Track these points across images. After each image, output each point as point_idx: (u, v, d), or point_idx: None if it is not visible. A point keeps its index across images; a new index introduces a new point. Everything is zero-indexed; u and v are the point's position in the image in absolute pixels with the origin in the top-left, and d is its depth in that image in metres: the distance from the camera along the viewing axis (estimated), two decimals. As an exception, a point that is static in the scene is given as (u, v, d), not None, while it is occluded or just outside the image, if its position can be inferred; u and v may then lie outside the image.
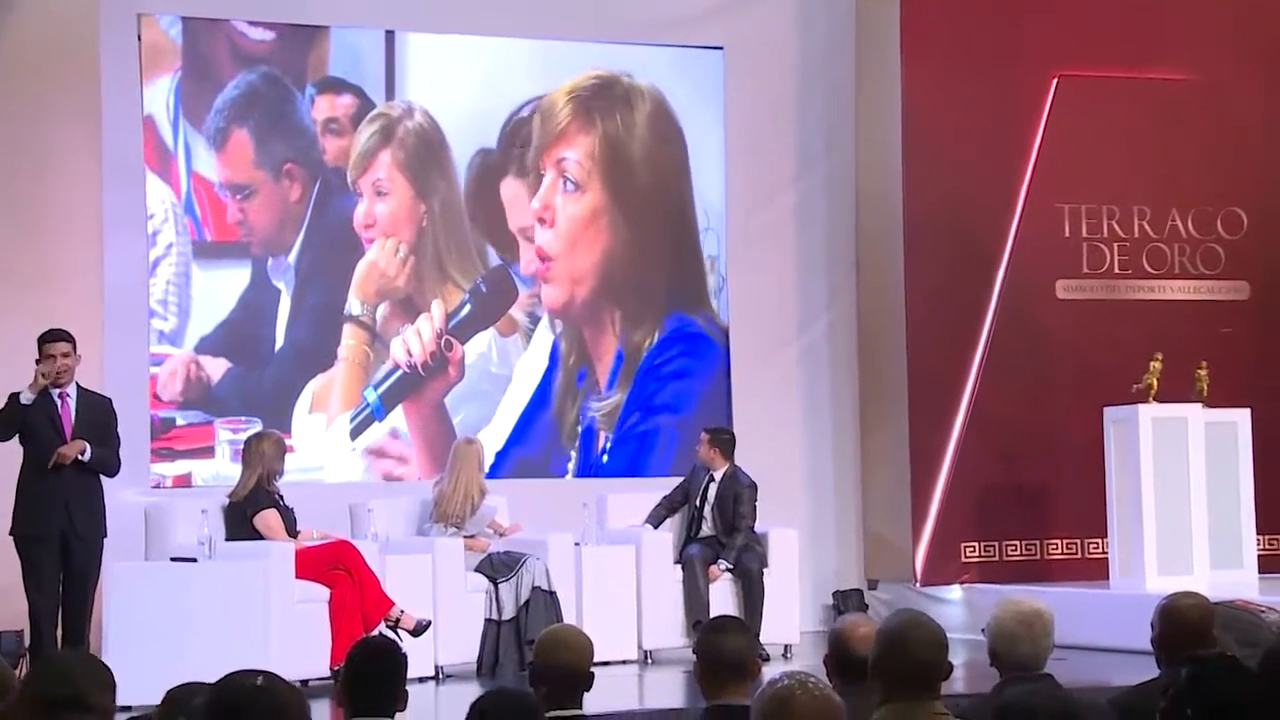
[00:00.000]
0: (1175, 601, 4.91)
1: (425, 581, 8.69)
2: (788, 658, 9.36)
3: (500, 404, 10.94)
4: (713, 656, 4.32)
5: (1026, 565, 10.79)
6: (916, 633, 4.00)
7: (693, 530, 9.69)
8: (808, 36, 11.56)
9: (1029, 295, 11.08)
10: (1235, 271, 11.41)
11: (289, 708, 3.26)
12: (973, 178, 11.00)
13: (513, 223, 11.00)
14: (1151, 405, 9.84)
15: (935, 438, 10.89)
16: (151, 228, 10.24)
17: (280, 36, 10.64)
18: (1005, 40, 11.11)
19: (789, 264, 11.50)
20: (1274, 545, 10.87)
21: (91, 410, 8.04)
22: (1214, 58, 11.35)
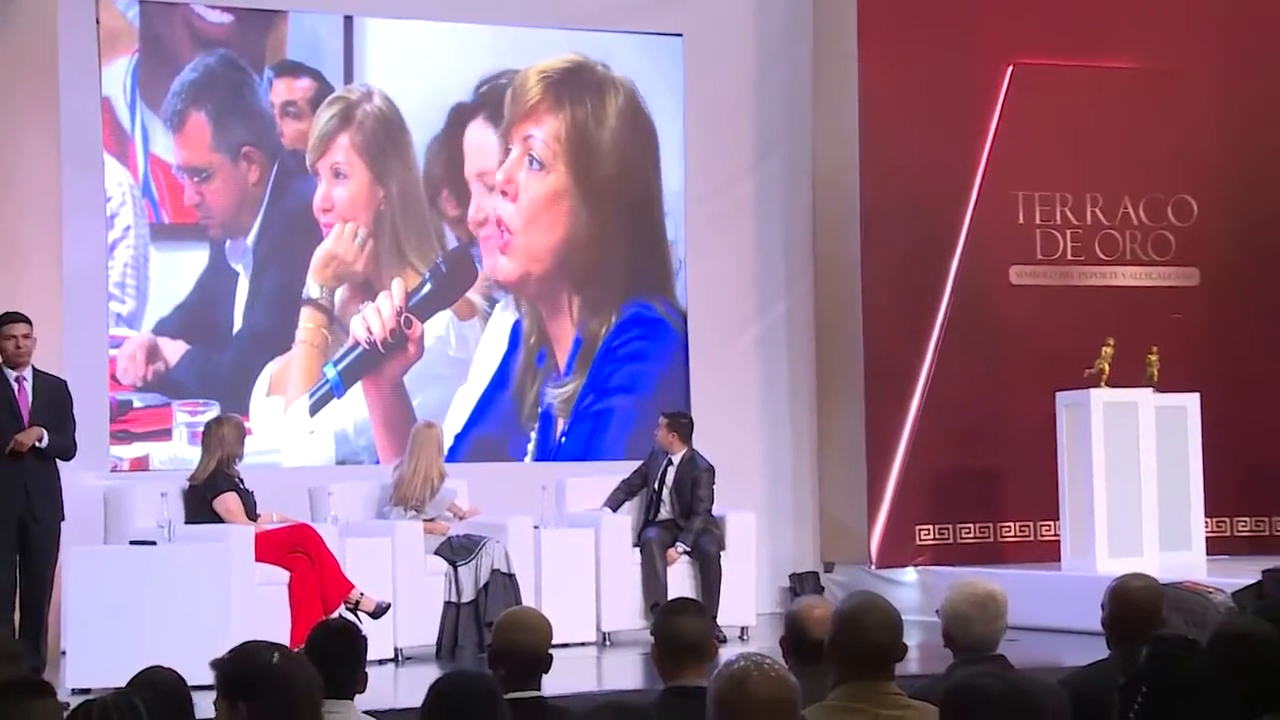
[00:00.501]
0: (1125, 583, 4.95)
1: (385, 564, 8.69)
2: (744, 639, 9.39)
3: (459, 388, 10.92)
4: (670, 638, 4.34)
5: (980, 548, 10.84)
6: (871, 615, 4.02)
7: (651, 514, 9.71)
8: (766, 24, 11.57)
9: (983, 281, 11.12)
10: (1186, 258, 11.47)
11: (300, 683, 3.27)
12: (928, 165, 11.02)
13: (470, 169, 10.95)
14: (1103, 390, 9.90)
15: (891, 422, 10.93)
16: (109, 210, 10.16)
17: (238, 20, 10.56)
18: (960, 29, 11.14)
19: (747, 249, 11.51)
20: (1222, 528, 10.95)
21: (48, 394, 8.00)
22: (1166, 47, 11.40)
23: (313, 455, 10.53)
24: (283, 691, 3.26)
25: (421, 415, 10.31)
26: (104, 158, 10.13)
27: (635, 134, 11.33)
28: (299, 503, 9.08)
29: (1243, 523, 11.22)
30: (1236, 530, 11.15)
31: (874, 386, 10.95)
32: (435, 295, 10.86)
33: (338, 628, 4.90)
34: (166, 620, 7.35)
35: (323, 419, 10.55)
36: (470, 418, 10.91)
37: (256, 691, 3.29)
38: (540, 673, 4.59)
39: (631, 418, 11.15)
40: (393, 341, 10.72)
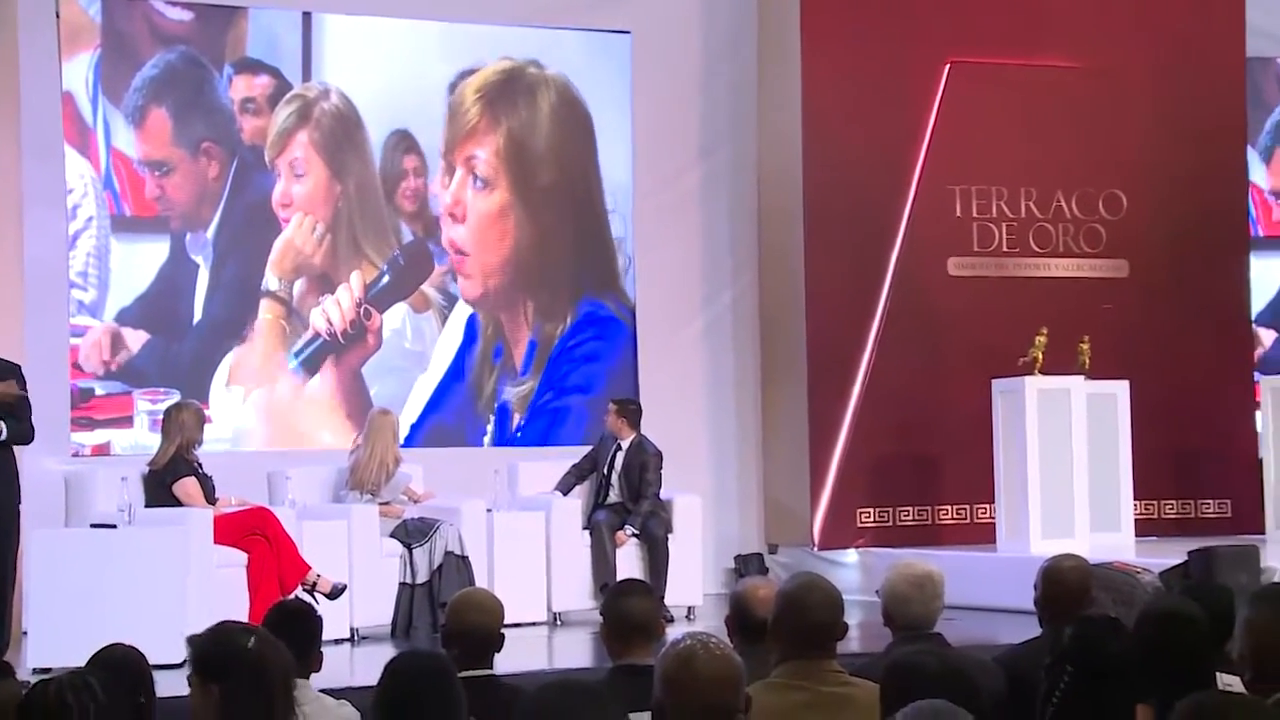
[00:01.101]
0: (1057, 564, 4.98)
1: (341, 546, 8.65)
2: (691, 619, 9.40)
3: (416, 380, 10.89)
4: (619, 618, 4.34)
5: (918, 530, 10.88)
6: (813, 595, 4.03)
7: (600, 497, 9.71)
8: (712, 22, 11.57)
9: (922, 273, 11.16)
10: (1116, 250, 11.54)
11: (273, 669, 3.25)
12: (869, 160, 11.05)
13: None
14: (1037, 377, 9.94)
15: (833, 409, 10.96)
16: (71, 202, 10.08)
17: (198, 17, 10.49)
18: (900, 27, 11.16)
19: (694, 242, 11.51)
20: (1150, 510, 11.02)
21: (1, 379, 7.90)
22: (1098, 47, 11.47)
23: (272, 440, 10.49)
24: (255, 677, 3.25)
25: (379, 404, 10.26)
26: (65, 150, 10.05)
27: (572, 132, 11.30)
28: (257, 487, 9.04)
29: (1170, 505, 11.31)
30: (1164, 513, 11.23)
31: (816, 375, 10.97)
32: (393, 287, 10.82)
33: (294, 608, 4.89)
34: (127, 601, 7.30)
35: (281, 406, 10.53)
36: (427, 404, 10.89)
37: (229, 675, 3.28)
38: (493, 652, 4.59)
39: (585, 416, 11.11)
40: (352, 332, 10.67)
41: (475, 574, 8.84)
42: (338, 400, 10.63)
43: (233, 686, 3.26)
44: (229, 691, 3.26)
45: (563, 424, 11.19)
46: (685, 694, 3.08)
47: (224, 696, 3.27)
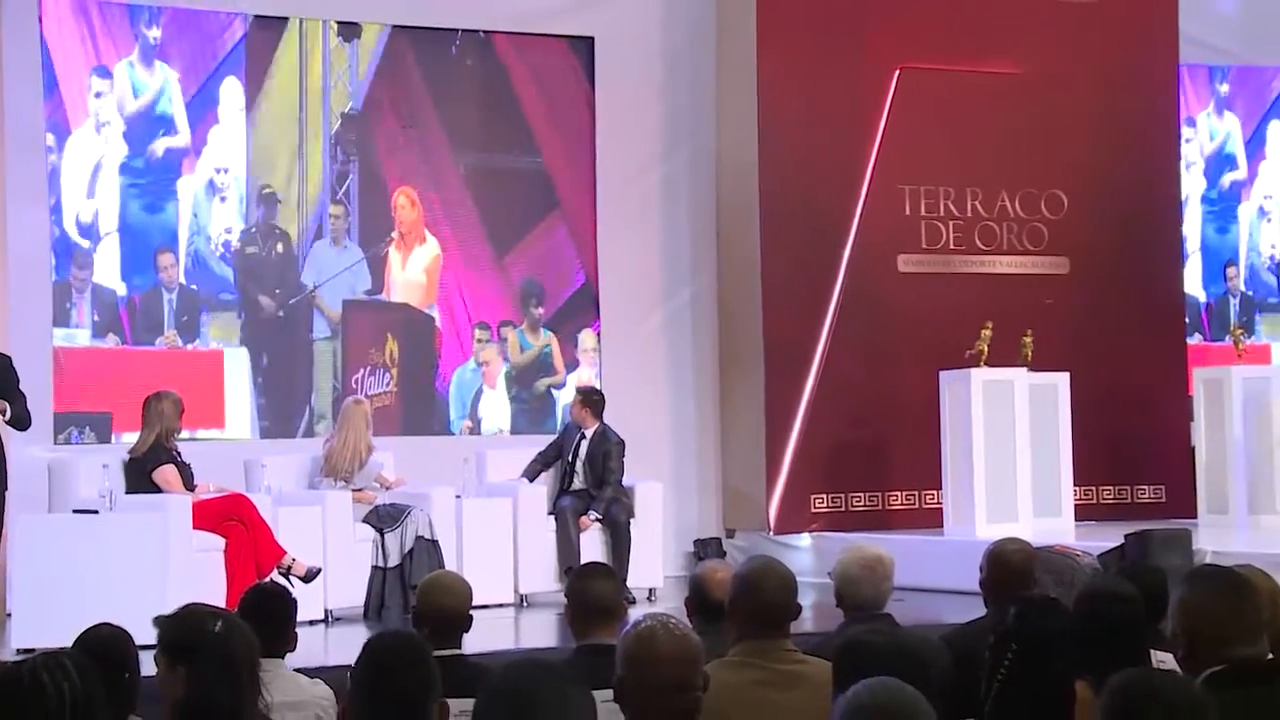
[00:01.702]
0: (1001, 547, 5.00)
1: (315, 531, 8.63)
2: (652, 600, 9.41)
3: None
4: (583, 600, 4.34)
5: (869, 515, 10.90)
6: (769, 577, 4.04)
7: (565, 484, 9.71)
8: (672, 28, 11.56)
9: (873, 268, 11.18)
10: (1057, 248, 11.59)
11: (239, 651, 3.24)
12: (823, 160, 11.07)
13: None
14: (982, 369, 9.98)
15: (788, 398, 10.98)
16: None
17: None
18: (852, 35, 11.18)
19: (655, 238, 11.51)
20: (1089, 496, 11.08)
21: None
22: (1039, 54, 11.51)
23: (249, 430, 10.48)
24: (220, 659, 3.24)
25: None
26: (49, 160, 10.00)
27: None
28: (235, 474, 9.01)
29: (1107, 491, 11.37)
30: (1102, 498, 11.30)
31: (773, 366, 10.99)
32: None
33: (270, 591, 4.88)
34: (108, 584, 7.26)
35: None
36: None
37: (195, 657, 3.27)
38: (461, 632, 4.59)
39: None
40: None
41: (445, 557, 8.83)
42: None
43: (199, 668, 3.25)
44: (195, 673, 3.25)
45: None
46: (646, 672, 3.09)
47: (190, 677, 3.26)
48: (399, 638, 3.13)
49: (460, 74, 11.20)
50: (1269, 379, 10.37)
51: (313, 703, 4.41)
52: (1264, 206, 13.50)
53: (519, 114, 11.32)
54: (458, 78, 11.19)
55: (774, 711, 3.58)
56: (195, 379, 10.20)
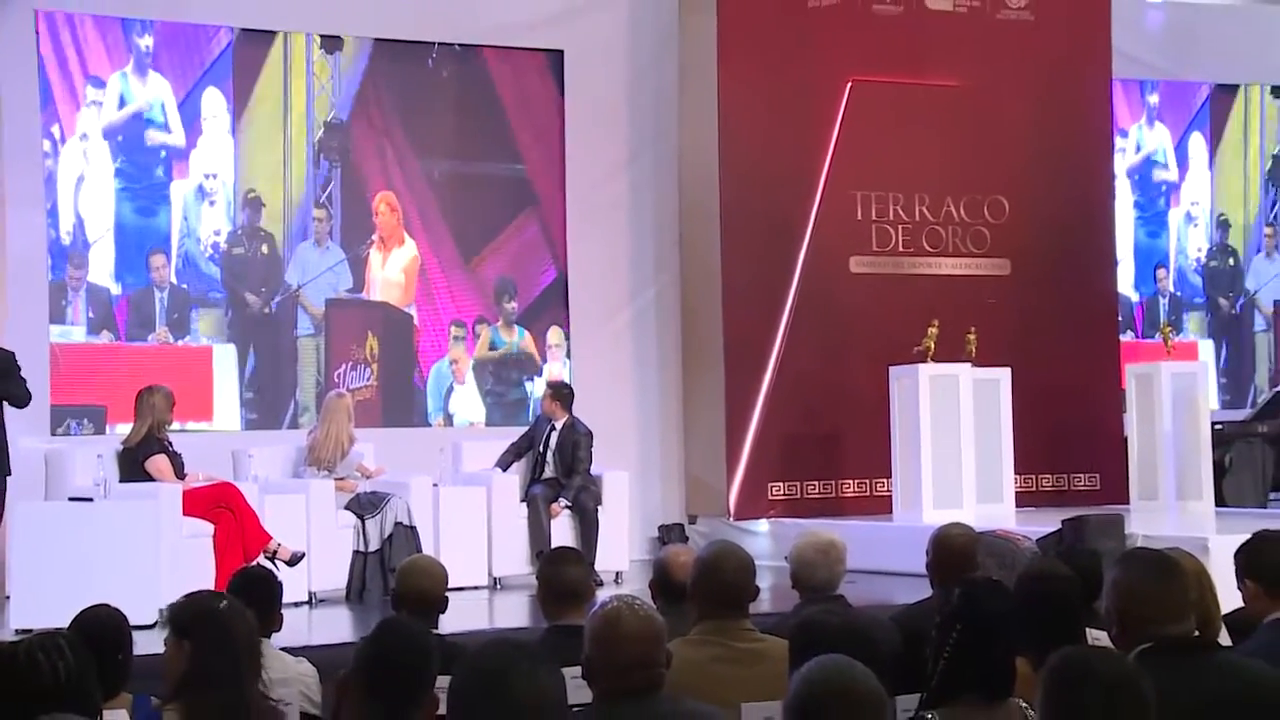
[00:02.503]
0: (946, 531, 5.02)
1: (300, 518, 8.60)
2: (618, 583, 9.41)
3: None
4: (553, 583, 4.34)
5: (823, 502, 10.91)
6: (728, 561, 4.05)
7: (536, 473, 9.69)
8: (638, 42, 11.56)
9: (826, 269, 11.19)
10: (999, 250, 11.62)
11: (239, 627, 3.24)
12: (779, 167, 11.08)
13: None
14: (929, 365, 10.00)
15: (747, 392, 10.98)
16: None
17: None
18: (806, 50, 11.18)
19: (621, 240, 11.50)
20: (1029, 484, 11.11)
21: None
22: (982, 69, 11.54)
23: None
24: (221, 634, 3.23)
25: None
26: (46, 165, 9.93)
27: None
28: (223, 464, 8.97)
29: (1046, 479, 11.41)
30: (1041, 486, 11.33)
31: (732, 361, 10.99)
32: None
33: (257, 574, 4.86)
34: (102, 568, 7.22)
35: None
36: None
37: (198, 631, 3.27)
38: (438, 613, 4.59)
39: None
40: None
41: (422, 542, 8.81)
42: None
43: (201, 641, 3.25)
44: (197, 645, 3.25)
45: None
46: (613, 651, 3.09)
47: (193, 649, 3.26)
48: (409, 628, 3.12)
49: (437, 85, 11.17)
50: (1195, 374, 10.43)
51: (297, 679, 4.40)
52: (1191, 212, 13.59)
53: (493, 122, 11.30)
54: (434, 88, 11.16)
55: (733, 687, 3.58)
56: (185, 373, 10.16)
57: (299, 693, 4.25)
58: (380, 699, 2.85)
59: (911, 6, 11.46)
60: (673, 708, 3.12)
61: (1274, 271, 13.72)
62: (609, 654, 3.08)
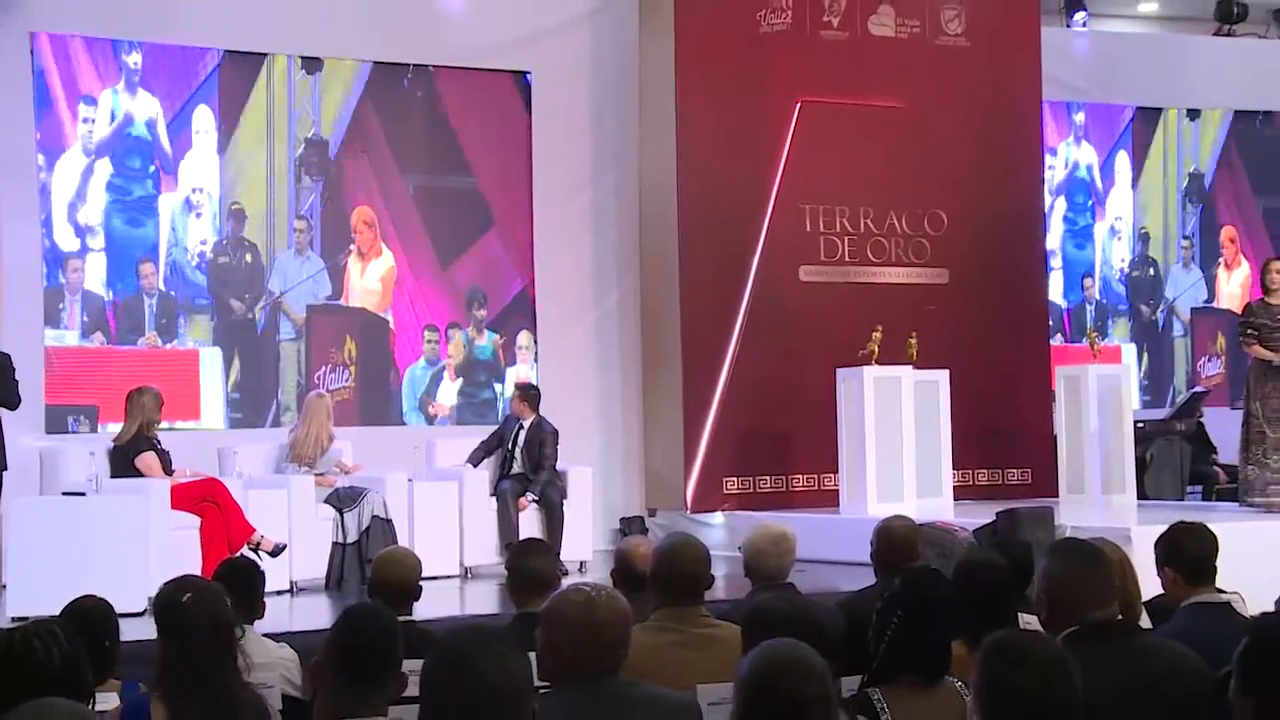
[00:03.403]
0: (889, 523, 5.04)
1: (282, 511, 8.56)
2: (582, 572, 9.39)
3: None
4: (521, 572, 4.34)
5: (775, 495, 10.92)
6: (685, 551, 4.05)
7: (505, 469, 9.68)
8: (600, 65, 11.55)
9: (778, 278, 11.21)
10: (938, 260, 11.67)
11: (202, 618, 3.22)
12: (734, 182, 11.09)
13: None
14: (873, 367, 10.02)
15: (703, 392, 10.99)
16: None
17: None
18: (759, 72, 11.21)
19: (585, 250, 11.49)
20: (966, 478, 11.14)
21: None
22: (922, 91, 11.59)
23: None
24: (184, 628, 3.22)
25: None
26: (40, 179, 9.85)
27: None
28: (209, 460, 8.92)
29: (982, 474, 11.45)
30: (977, 480, 11.37)
31: (689, 363, 11.00)
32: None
33: (240, 565, 4.84)
34: (94, 559, 7.17)
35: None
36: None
37: (165, 628, 3.25)
38: (412, 600, 4.57)
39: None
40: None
41: (398, 534, 8.78)
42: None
43: (169, 637, 3.24)
44: (167, 642, 3.25)
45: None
46: (590, 631, 3.08)
47: (165, 646, 3.26)
48: (374, 611, 3.11)
49: (411, 104, 11.14)
50: (1119, 376, 10.49)
51: (279, 663, 4.38)
52: (1115, 226, 13.68)
53: (465, 140, 11.27)
54: (409, 108, 11.13)
55: (689, 670, 3.58)
56: (173, 375, 10.09)
57: (280, 676, 4.23)
58: (350, 679, 2.84)
59: (856, 32, 11.50)
60: (630, 690, 3.11)
61: (1191, 281, 13.83)
62: (574, 637, 3.08)
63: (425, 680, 2.48)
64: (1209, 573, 4.23)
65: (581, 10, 11.51)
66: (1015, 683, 2.57)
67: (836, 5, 11.46)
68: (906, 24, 11.65)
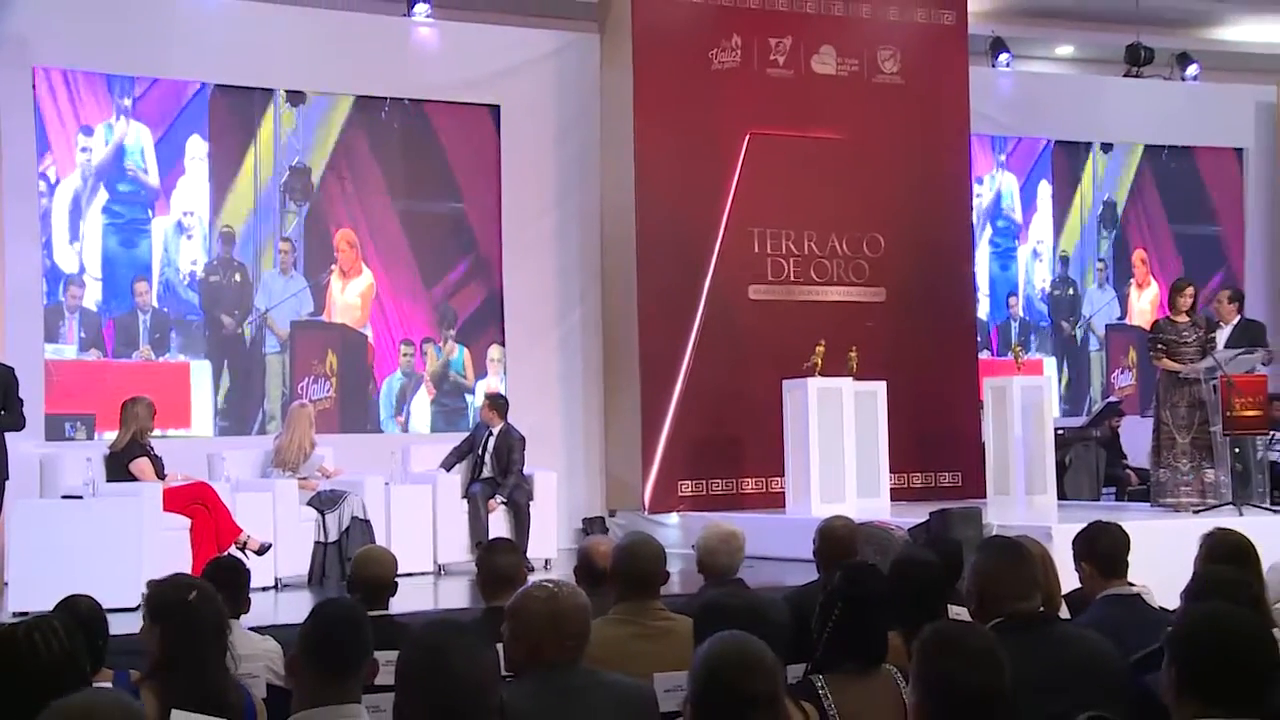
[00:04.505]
0: (830, 523, 5.05)
1: (267, 513, 8.50)
2: (547, 569, 9.37)
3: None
4: (490, 569, 4.32)
5: (726, 497, 10.92)
6: (643, 549, 4.05)
7: (476, 473, 9.64)
8: (564, 98, 11.55)
9: (728, 296, 11.23)
10: (876, 280, 11.72)
11: (206, 614, 3.20)
12: (687, 207, 11.10)
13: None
14: (816, 379, 10.04)
15: (659, 402, 10.98)
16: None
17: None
18: (711, 105, 11.23)
19: (551, 270, 11.48)
20: (902, 481, 11.17)
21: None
22: (860, 124, 11.65)
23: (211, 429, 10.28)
24: (189, 622, 3.19)
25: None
26: (42, 204, 9.75)
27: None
28: (199, 465, 8.84)
29: (916, 477, 11.50)
30: (911, 483, 11.42)
31: (647, 375, 10.99)
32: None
33: (228, 563, 4.80)
34: (91, 558, 7.09)
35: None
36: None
37: (169, 619, 3.22)
38: (389, 595, 4.55)
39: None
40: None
41: (375, 534, 8.73)
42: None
43: (171, 628, 3.21)
44: (168, 631, 3.21)
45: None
46: (551, 624, 3.07)
47: (163, 635, 3.22)
48: (342, 605, 3.09)
49: (389, 134, 11.11)
50: (1041, 387, 10.56)
51: (263, 655, 4.35)
52: (1037, 249, 13.78)
53: (439, 167, 11.26)
54: (387, 138, 11.10)
55: (646, 660, 3.57)
56: (165, 386, 10.01)
57: (265, 666, 4.20)
58: (323, 669, 2.82)
59: (800, 70, 11.55)
60: (591, 679, 3.10)
61: (1105, 300, 13.95)
62: (538, 630, 3.06)
63: (400, 670, 2.47)
64: (1122, 567, 4.26)
65: (548, 49, 11.51)
66: (950, 670, 2.58)
67: (782, 45, 11.51)
68: (846, 63, 11.71)
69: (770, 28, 11.45)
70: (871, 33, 11.77)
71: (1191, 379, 9.01)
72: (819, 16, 11.64)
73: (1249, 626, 2.57)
